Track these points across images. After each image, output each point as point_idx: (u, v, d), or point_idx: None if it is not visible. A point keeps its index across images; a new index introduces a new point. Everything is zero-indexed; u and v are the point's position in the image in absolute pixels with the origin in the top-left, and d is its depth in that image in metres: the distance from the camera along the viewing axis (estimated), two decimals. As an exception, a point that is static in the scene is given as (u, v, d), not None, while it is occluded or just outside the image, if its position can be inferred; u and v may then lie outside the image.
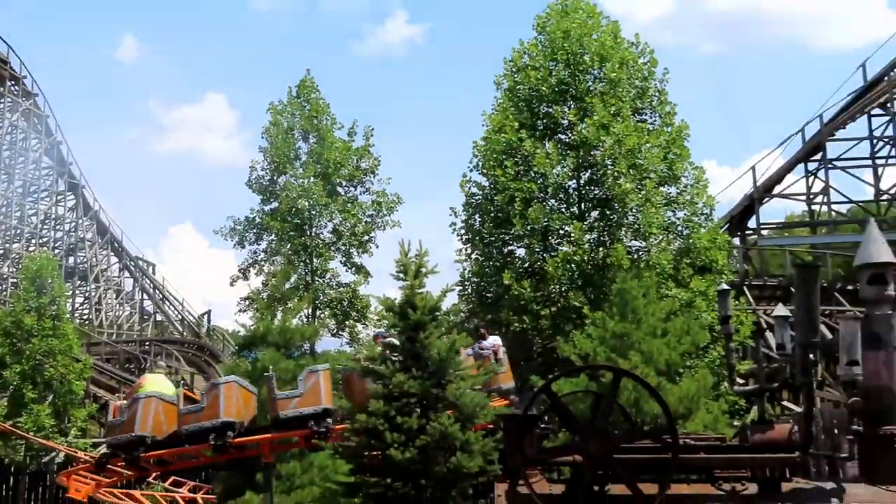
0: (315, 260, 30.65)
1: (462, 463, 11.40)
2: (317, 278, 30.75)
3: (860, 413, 8.35)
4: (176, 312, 54.89)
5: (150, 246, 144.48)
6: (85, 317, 51.44)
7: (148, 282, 55.83)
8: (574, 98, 23.39)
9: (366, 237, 31.15)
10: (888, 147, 43.38)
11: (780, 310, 10.09)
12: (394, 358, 12.55)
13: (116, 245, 54.57)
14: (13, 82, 49.19)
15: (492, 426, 12.93)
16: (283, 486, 15.11)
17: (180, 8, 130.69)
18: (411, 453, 11.30)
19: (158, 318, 55.07)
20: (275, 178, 31.21)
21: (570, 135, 23.20)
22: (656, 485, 7.92)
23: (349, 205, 30.90)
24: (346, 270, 31.46)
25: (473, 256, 24.42)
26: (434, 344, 12.27)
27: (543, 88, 23.34)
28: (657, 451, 8.35)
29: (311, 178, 30.08)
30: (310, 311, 29.63)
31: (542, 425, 9.16)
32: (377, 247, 32.01)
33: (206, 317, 55.22)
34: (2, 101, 48.49)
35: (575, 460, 8.24)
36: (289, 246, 30.23)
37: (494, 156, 23.23)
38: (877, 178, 43.26)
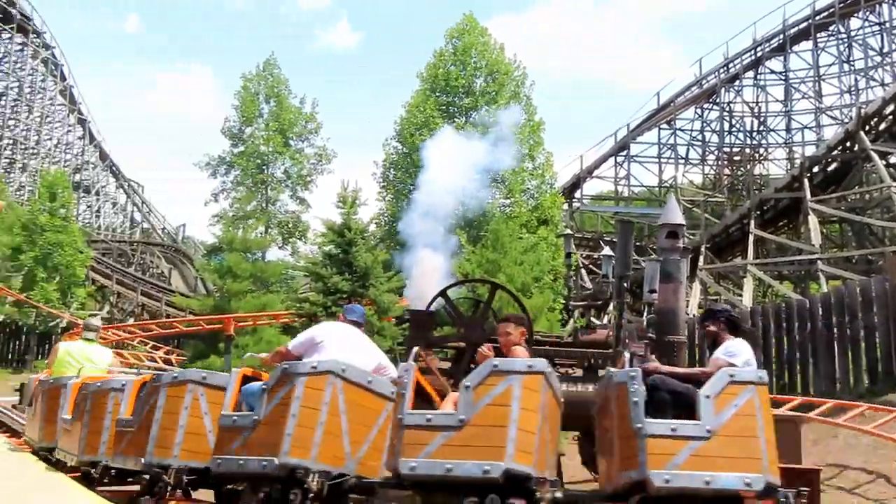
0: (269, 192, 29.93)
1: (377, 343, 11.33)
2: (270, 205, 29.91)
3: (654, 325, 8.54)
4: (159, 223, 52.03)
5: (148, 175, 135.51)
6: (87, 221, 47.81)
7: (138, 198, 52.48)
8: (468, 93, 23.10)
9: (308, 178, 30.76)
10: (668, 150, 45.24)
11: (607, 251, 10.19)
12: (330, 264, 12.28)
13: (115, 169, 50.69)
14: (35, 35, 44.67)
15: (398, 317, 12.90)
16: (238, 353, 14.66)
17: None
18: (339, 333, 11.12)
19: (145, 226, 51.94)
20: (243, 128, 29.91)
21: (462, 119, 22.82)
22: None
23: (297, 154, 30.33)
24: (293, 202, 30.99)
25: (387, 199, 24.03)
26: (361, 256, 12.01)
27: (454, 83, 22.80)
28: (518, 342, 8.29)
29: (271, 132, 29.24)
30: (263, 229, 28.67)
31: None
32: (317, 186, 32.00)
33: (182, 228, 52.64)
34: (26, 49, 44.12)
35: (458, 345, 8.14)
36: (250, 180, 29.32)
37: (410, 127, 22.71)
38: (660, 171, 45.18)
